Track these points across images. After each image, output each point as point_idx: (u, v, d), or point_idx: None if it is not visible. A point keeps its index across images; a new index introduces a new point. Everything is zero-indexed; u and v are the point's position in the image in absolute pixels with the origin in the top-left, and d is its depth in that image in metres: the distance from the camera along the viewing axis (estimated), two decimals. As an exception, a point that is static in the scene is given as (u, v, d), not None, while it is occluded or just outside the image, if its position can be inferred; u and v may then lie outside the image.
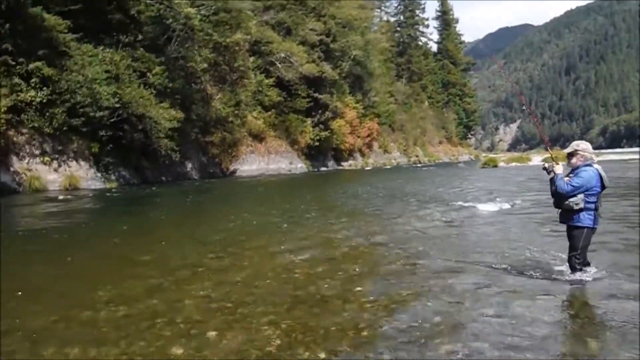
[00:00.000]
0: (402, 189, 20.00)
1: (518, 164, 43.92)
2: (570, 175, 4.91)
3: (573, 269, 4.93)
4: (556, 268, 5.38)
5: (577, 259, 4.89)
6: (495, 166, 41.31)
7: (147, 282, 5.60)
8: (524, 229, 8.34)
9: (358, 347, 3.50)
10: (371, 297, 4.65)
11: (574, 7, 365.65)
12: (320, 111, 49.02)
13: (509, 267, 5.64)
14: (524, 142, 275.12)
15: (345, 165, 55.77)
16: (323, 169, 50.98)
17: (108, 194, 21.03)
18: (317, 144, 48.88)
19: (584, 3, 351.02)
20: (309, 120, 47.91)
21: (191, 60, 31.95)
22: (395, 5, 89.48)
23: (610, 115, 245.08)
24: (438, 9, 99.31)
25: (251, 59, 41.12)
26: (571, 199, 4.80)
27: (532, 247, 6.61)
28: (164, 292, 5.16)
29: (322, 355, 3.37)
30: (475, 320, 3.95)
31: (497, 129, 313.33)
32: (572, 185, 4.74)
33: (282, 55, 43.38)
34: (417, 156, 77.33)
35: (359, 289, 4.97)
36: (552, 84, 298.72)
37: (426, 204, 13.35)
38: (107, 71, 26.06)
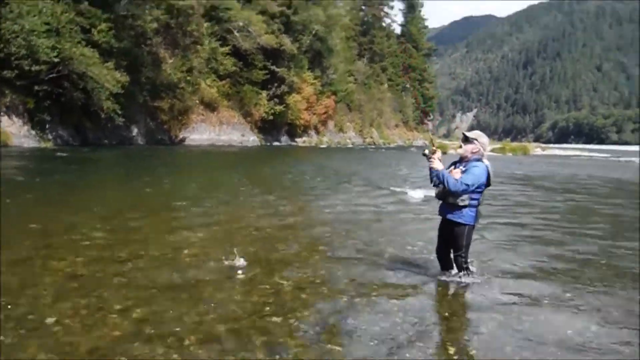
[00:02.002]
0: (344, 170, 19.81)
1: (467, 153, 44.53)
2: (460, 168, 4.62)
3: (460, 268, 4.71)
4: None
5: (463, 258, 4.68)
6: (445, 153, 41.50)
7: (15, 253, 5.08)
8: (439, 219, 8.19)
9: (204, 343, 3.17)
10: (247, 286, 4.32)
11: (536, 2, 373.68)
12: (276, 84, 48.10)
13: (403, 261, 5.41)
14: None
15: (299, 141, 55.20)
16: (276, 143, 50.29)
17: (27, 153, 19.88)
18: (271, 117, 47.99)
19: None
20: (264, 93, 46.95)
21: (140, 19, 30.45)
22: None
23: (561, 112, 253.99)
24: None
25: (206, 24, 39.68)
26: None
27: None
28: (27, 266, 4.67)
29: (160, 351, 3.03)
30: (344, 318, 3.68)
31: (454, 116, 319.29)
32: (466, 184, 4.38)
33: (240, 23, 42.11)
34: (372, 137, 77.49)
35: (240, 276, 4.64)
36: (509, 76, 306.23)
37: (359, 187, 13.17)
38: (46, 23, 24.49)
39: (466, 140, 4.65)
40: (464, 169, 4.54)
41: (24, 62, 23.41)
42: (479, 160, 4.56)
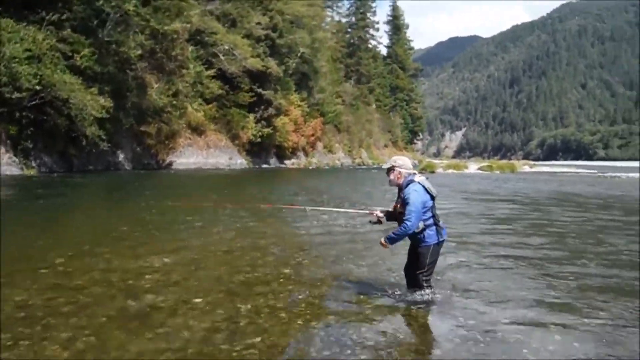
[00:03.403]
0: (329, 190, 19.73)
1: (455, 171, 44.83)
2: (399, 201, 4.64)
3: (421, 287, 4.64)
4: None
5: (425, 276, 4.61)
6: (433, 172, 41.78)
7: (-29, 283, 4.93)
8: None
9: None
10: (203, 312, 4.19)
11: (519, 23, 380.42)
12: (263, 107, 48.27)
13: (368, 282, 5.29)
14: (468, 150, 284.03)
15: (288, 163, 55.21)
16: (265, 166, 50.19)
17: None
18: (259, 140, 48.10)
19: (529, 19, 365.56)
20: (251, 116, 47.08)
21: (124, 45, 30.46)
22: (347, 6, 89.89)
23: (548, 129, 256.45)
24: (389, 13, 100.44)
25: (192, 48, 39.87)
26: None
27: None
28: (-22, 297, 4.51)
29: (95, 384, 2.90)
30: (296, 343, 3.57)
31: (443, 135, 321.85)
32: (411, 220, 4.40)
33: (226, 47, 42.36)
34: (361, 158, 77.79)
35: (197, 300, 4.50)
36: (496, 95, 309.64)
37: (340, 207, 13.06)
38: (28, 50, 24.43)
39: (388, 171, 4.78)
40: (402, 200, 4.59)
41: (5, 89, 23.25)
42: (411, 181, 4.56)
